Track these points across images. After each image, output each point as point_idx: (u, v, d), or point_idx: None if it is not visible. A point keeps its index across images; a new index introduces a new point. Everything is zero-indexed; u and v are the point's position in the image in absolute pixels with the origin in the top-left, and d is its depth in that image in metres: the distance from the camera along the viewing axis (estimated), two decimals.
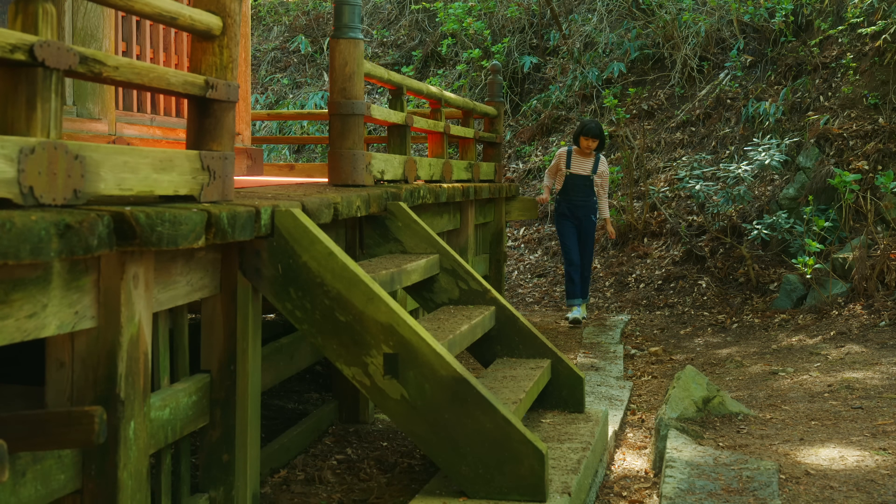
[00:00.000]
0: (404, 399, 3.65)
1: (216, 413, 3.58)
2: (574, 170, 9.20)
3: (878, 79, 11.32)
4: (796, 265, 9.22)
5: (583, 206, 9.23)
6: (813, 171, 10.50)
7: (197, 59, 3.54)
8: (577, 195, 9.21)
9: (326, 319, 3.66)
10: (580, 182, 9.21)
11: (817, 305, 9.17)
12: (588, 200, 9.24)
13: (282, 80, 17.25)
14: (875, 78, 11.35)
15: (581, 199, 9.22)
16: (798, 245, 9.83)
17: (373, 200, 4.88)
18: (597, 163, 9.25)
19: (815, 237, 9.52)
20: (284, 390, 6.13)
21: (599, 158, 9.25)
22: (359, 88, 5.36)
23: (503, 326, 5.22)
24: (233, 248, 3.59)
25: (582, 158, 9.24)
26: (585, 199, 9.24)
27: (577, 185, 9.21)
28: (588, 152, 9.18)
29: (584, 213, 9.23)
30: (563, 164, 9.26)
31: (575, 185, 9.22)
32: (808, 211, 9.75)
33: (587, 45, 14.76)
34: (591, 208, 9.24)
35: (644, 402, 6.55)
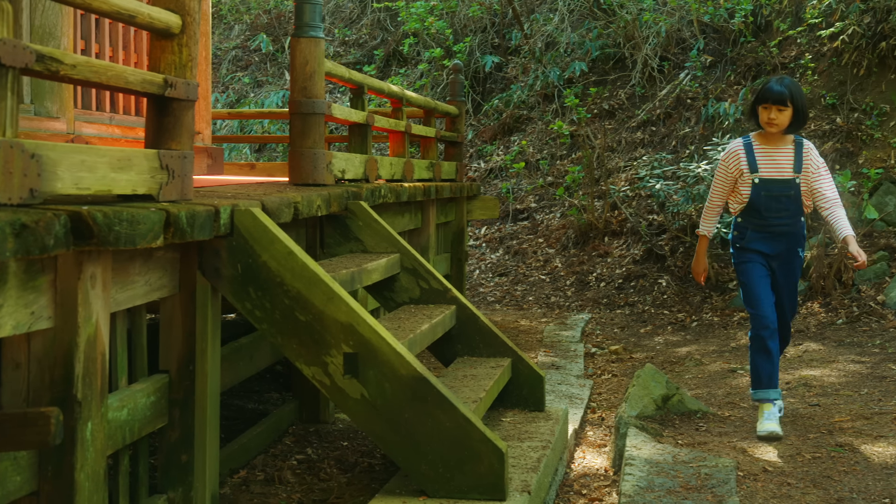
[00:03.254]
0: (364, 398, 3.65)
1: (175, 413, 3.57)
2: (765, 173, 5.58)
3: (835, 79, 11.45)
4: None
5: (786, 234, 5.65)
6: None
7: (156, 58, 3.52)
8: (774, 217, 5.61)
9: (286, 319, 3.65)
10: (778, 192, 5.58)
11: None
12: (795, 223, 5.65)
13: (243, 79, 17.18)
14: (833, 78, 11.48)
15: (783, 223, 5.62)
16: None
17: (333, 200, 4.87)
18: (800, 154, 5.61)
19: None
20: (244, 390, 6.11)
21: (803, 145, 5.64)
22: (319, 87, 5.35)
23: (464, 325, 5.23)
24: (192, 248, 3.58)
25: (773, 150, 5.61)
26: (790, 222, 5.63)
27: (774, 198, 5.58)
28: (776, 133, 5.58)
29: (788, 246, 5.68)
30: (743, 167, 5.62)
31: (769, 199, 5.58)
32: None
33: (549, 44, 14.80)
34: (798, 237, 5.70)
35: (604, 400, 6.58)
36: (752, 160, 5.60)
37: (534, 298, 10.85)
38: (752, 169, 5.58)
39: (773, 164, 5.60)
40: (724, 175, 5.73)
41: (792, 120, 5.49)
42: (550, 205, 12.87)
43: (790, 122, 5.50)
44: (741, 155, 5.63)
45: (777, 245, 5.65)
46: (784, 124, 5.50)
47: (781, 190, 5.56)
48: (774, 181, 5.57)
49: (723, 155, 5.79)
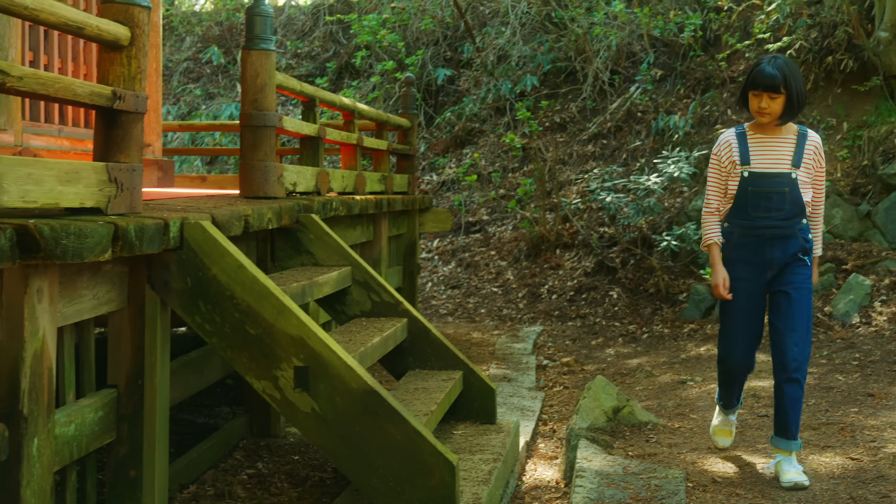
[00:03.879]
0: (315, 412, 3.64)
1: (123, 428, 3.54)
2: (757, 165, 4.89)
3: None
4: (705, 276, 9.38)
5: (779, 238, 4.88)
6: None
7: (104, 70, 3.50)
8: (763, 217, 4.88)
9: (236, 333, 3.64)
10: (769, 187, 4.87)
11: None
12: (790, 226, 4.87)
13: (194, 91, 17.10)
14: None
15: (773, 225, 4.86)
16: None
17: (284, 213, 4.86)
18: (802, 146, 4.91)
19: None
20: (194, 404, 6.06)
21: (807, 137, 4.94)
22: (271, 100, 5.33)
23: (415, 338, 5.23)
24: (141, 261, 3.55)
25: (770, 140, 4.91)
26: (783, 224, 4.87)
27: (762, 195, 4.87)
28: (771, 122, 4.89)
29: (784, 252, 4.89)
30: (735, 157, 4.94)
31: (757, 196, 4.88)
32: None
33: (500, 57, 14.86)
34: (797, 243, 4.89)
35: (556, 412, 6.60)
36: (744, 150, 4.89)
37: (486, 311, 10.87)
38: (743, 160, 4.88)
39: (768, 155, 4.86)
40: (719, 170, 5.01)
41: (786, 107, 4.78)
42: (502, 217, 12.91)
43: (784, 110, 4.79)
44: (733, 145, 4.93)
45: (769, 252, 4.85)
46: (777, 113, 4.79)
47: (773, 185, 4.81)
48: (766, 175, 4.83)
49: (714, 148, 5.06)
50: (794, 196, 4.84)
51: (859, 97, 11.06)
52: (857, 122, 10.92)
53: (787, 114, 4.81)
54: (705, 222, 5.07)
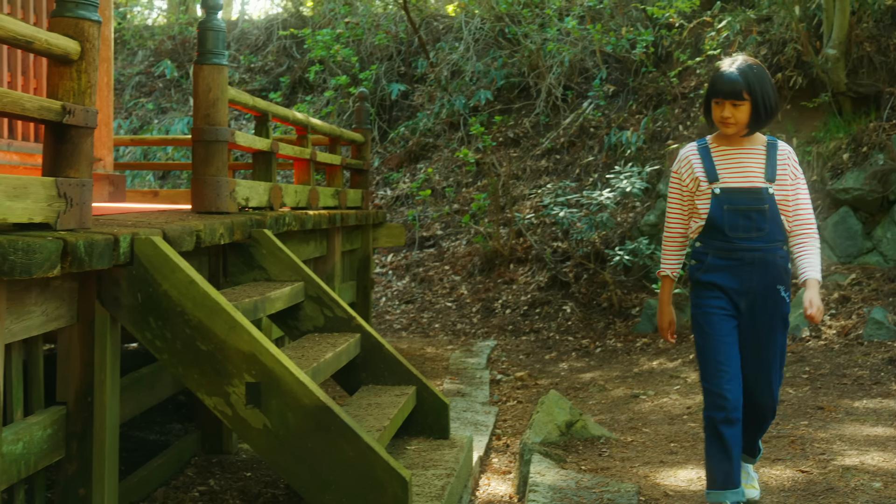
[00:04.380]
0: (267, 429, 3.62)
1: (72, 446, 3.50)
2: (728, 181, 4.29)
3: None
4: (657, 290, 9.43)
5: (759, 262, 4.26)
6: None
7: (54, 84, 3.47)
8: (743, 238, 4.25)
9: (187, 349, 3.61)
10: (746, 205, 4.26)
11: (677, 329, 9.38)
12: (771, 249, 4.26)
13: (146, 105, 17.00)
14: None
15: (754, 247, 4.24)
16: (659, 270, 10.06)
17: (237, 228, 4.84)
18: (773, 158, 4.31)
19: None
20: (145, 421, 6.01)
21: (777, 148, 4.34)
22: (223, 115, 5.31)
23: (368, 354, 5.22)
24: (90, 277, 3.52)
25: (737, 153, 4.31)
26: (764, 246, 4.25)
27: (741, 213, 4.25)
28: (737, 133, 4.28)
29: (764, 280, 4.27)
30: (699, 175, 4.32)
31: (735, 214, 4.25)
32: None
33: (454, 73, 14.91)
34: (777, 270, 4.27)
35: (509, 426, 6.61)
36: (709, 166, 4.27)
37: (440, 325, 10.87)
38: (711, 177, 4.25)
39: (737, 169, 4.24)
40: (679, 189, 4.39)
41: (752, 115, 4.18)
42: (456, 232, 12.93)
43: (750, 118, 4.19)
44: (694, 161, 4.31)
45: (747, 278, 4.21)
46: (743, 122, 4.19)
47: (750, 202, 4.20)
48: (740, 191, 4.21)
49: (674, 165, 4.43)
50: (774, 214, 4.22)
51: (808, 113, 11.20)
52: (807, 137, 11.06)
53: (754, 122, 4.21)
54: (663, 249, 4.54)
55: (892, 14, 11.05)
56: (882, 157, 9.93)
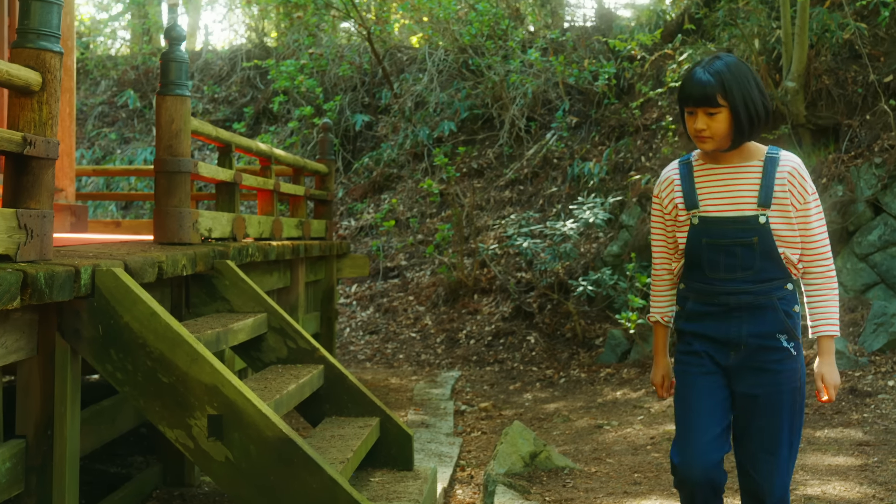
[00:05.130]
0: (229, 461, 3.59)
1: (32, 480, 3.46)
2: (709, 206, 3.48)
3: None
4: (620, 320, 9.47)
5: (747, 309, 3.41)
6: (636, 228, 10.85)
7: (15, 115, 3.45)
8: (723, 279, 3.44)
9: (149, 381, 3.58)
10: (729, 237, 3.43)
11: (640, 360, 9.44)
12: (763, 292, 3.40)
13: (109, 135, 16.93)
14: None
15: (737, 290, 3.41)
16: (622, 301, 10.12)
17: (199, 259, 4.82)
18: (770, 176, 3.41)
19: (638, 293, 9.81)
20: (107, 454, 5.95)
21: (777, 163, 3.44)
22: (185, 146, 5.30)
23: (332, 385, 5.20)
24: (51, 309, 3.49)
25: (725, 172, 3.48)
26: (753, 290, 3.40)
27: (720, 249, 3.44)
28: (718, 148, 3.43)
29: (755, 329, 3.40)
30: (678, 200, 3.57)
31: (713, 249, 3.45)
32: (631, 268, 10.04)
33: (418, 104, 14.97)
34: (773, 317, 3.40)
35: (473, 457, 6.60)
36: (689, 189, 3.47)
37: (404, 356, 10.85)
38: (689, 202, 3.46)
39: (723, 193, 3.41)
40: (661, 217, 3.65)
41: (732, 125, 3.32)
42: (421, 262, 12.94)
43: (730, 128, 3.33)
44: (675, 182, 3.53)
45: (734, 327, 3.37)
46: (721, 134, 3.33)
47: (733, 234, 3.36)
48: (722, 221, 3.38)
49: (655, 188, 3.67)
50: (767, 248, 3.34)
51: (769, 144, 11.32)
52: None
53: (736, 134, 3.35)
54: (651, 289, 3.80)
55: (849, 48, 11.21)
56: (841, 189, 10.04)
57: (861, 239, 9.76)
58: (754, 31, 11.71)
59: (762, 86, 3.36)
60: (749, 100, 3.33)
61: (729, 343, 3.41)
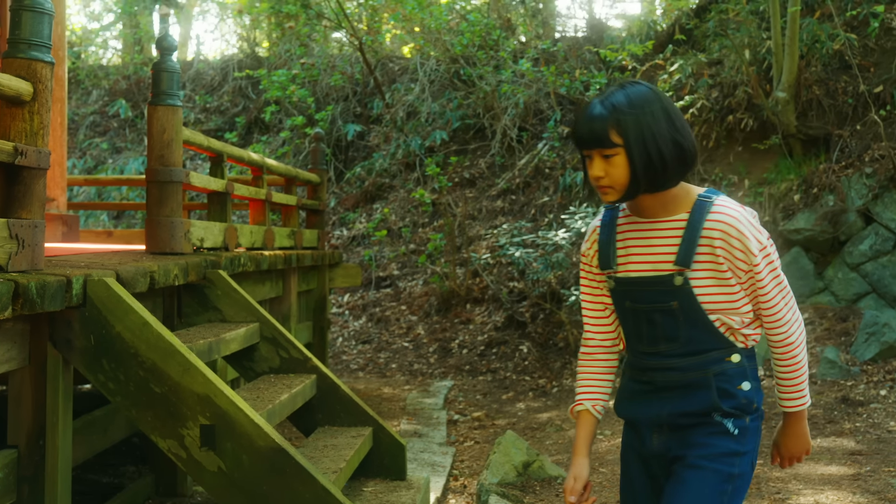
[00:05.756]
0: (221, 471, 3.59)
1: (24, 490, 3.45)
2: (626, 266, 2.81)
3: None
4: None
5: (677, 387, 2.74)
6: None
7: (5, 126, 3.45)
8: (651, 350, 2.79)
9: (141, 391, 3.58)
10: (648, 302, 2.76)
11: None
12: (697, 365, 2.72)
13: (101, 145, 16.91)
14: None
15: (665, 365, 2.76)
16: None
17: (191, 269, 4.81)
18: (695, 229, 2.69)
19: None
20: (99, 464, 5.94)
21: (704, 211, 2.69)
22: (177, 155, 5.30)
23: (324, 395, 5.19)
24: (42, 319, 3.49)
25: (643, 227, 2.78)
26: (684, 363, 2.73)
27: (642, 315, 2.79)
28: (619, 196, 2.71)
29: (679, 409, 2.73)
30: (596, 259, 2.90)
31: (637, 317, 2.81)
32: None
33: (410, 114, 14.98)
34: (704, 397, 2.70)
35: (466, 467, 6.59)
36: (605, 244, 2.85)
37: (397, 366, 10.84)
38: (603, 261, 2.84)
39: (642, 249, 2.77)
40: (590, 277, 2.95)
41: (632, 170, 2.63)
42: (413, 272, 12.94)
43: (629, 175, 2.64)
44: (596, 237, 2.89)
45: (657, 407, 2.76)
46: (620, 182, 2.66)
47: (651, 299, 2.74)
48: (638, 282, 2.76)
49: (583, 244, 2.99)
50: (693, 315, 2.70)
51: (759, 155, 11.35)
52: (758, 179, 11.20)
53: (633, 182, 2.65)
54: (578, 369, 3.01)
55: (839, 58, 11.25)
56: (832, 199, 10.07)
57: (852, 249, 9.78)
58: (745, 42, 11.75)
59: (679, 120, 2.67)
60: (650, 137, 2.62)
61: (649, 424, 2.79)
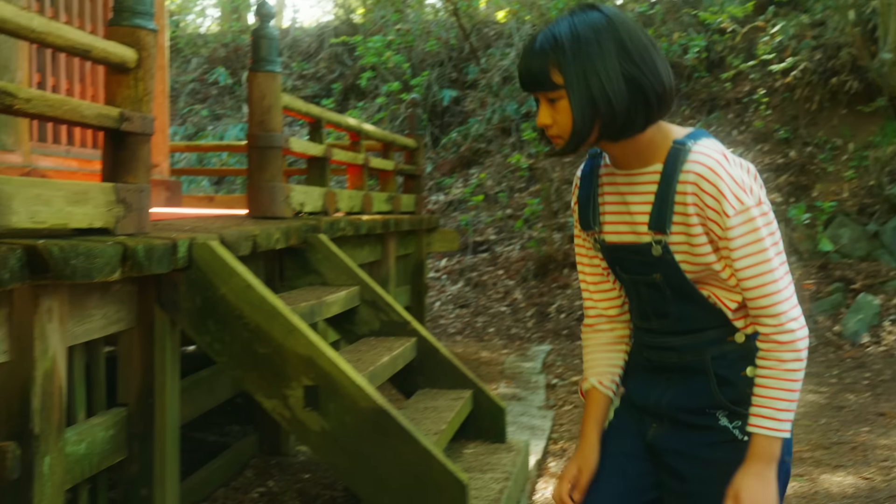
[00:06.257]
0: (325, 431, 3.63)
1: (134, 447, 3.53)
2: (609, 228, 2.31)
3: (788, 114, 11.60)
4: None
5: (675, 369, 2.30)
6: None
7: (112, 92, 3.51)
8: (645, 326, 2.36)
9: (246, 352, 3.63)
10: (637, 271, 2.28)
11: None
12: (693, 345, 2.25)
13: (201, 112, 17.14)
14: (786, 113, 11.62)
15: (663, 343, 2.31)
16: None
17: (292, 233, 4.86)
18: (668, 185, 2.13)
19: None
20: (205, 423, 6.06)
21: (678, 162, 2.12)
22: (277, 121, 5.35)
23: (424, 358, 5.22)
24: (150, 281, 3.55)
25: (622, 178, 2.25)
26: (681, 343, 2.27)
27: (634, 287, 2.32)
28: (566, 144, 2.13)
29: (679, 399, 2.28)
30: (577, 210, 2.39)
31: (632, 287, 2.34)
32: None
33: (505, 78, 14.89)
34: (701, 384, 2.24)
35: (566, 431, 6.58)
36: (584, 199, 2.37)
37: (494, 330, 10.85)
38: (583, 220, 2.37)
39: (619, 209, 2.30)
40: (578, 235, 2.47)
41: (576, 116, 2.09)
42: (510, 237, 12.91)
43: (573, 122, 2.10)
44: (576, 189, 2.41)
45: (655, 393, 2.35)
46: (566, 128, 2.12)
47: (635, 269, 2.29)
48: (621, 249, 2.31)
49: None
50: (680, 288, 2.23)
51: (864, 118, 11.06)
52: (863, 142, 10.93)
53: (582, 129, 2.11)
54: (583, 342, 2.69)
55: None
56: None
57: None
58: (849, 2, 11.43)
59: (639, 53, 2.10)
60: (593, 75, 2.06)
61: (647, 411, 2.38)
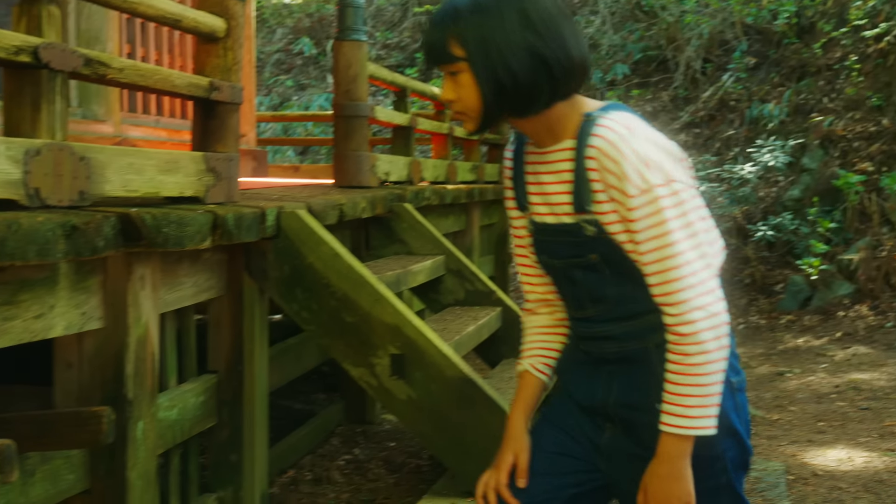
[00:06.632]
0: (411, 399, 3.64)
1: (224, 413, 3.58)
2: (536, 208, 2.15)
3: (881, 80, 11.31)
4: (802, 266, 9.21)
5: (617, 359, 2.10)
6: (817, 172, 10.48)
7: (201, 62, 3.54)
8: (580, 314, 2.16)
9: (333, 320, 3.65)
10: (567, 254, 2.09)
11: (823, 307, 9.15)
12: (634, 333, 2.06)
13: (286, 83, 17.25)
14: (879, 80, 11.33)
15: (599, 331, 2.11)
16: (803, 246, 9.82)
17: (378, 202, 4.88)
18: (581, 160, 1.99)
19: (821, 238, 9.51)
20: (292, 391, 6.12)
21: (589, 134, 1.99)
22: (363, 90, 5.35)
23: (509, 327, 5.20)
24: (238, 250, 3.59)
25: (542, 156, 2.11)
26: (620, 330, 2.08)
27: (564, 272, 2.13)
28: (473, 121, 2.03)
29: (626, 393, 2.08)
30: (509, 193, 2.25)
31: (559, 274, 2.16)
32: (813, 212, 9.74)
33: (591, 46, 14.75)
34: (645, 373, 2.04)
35: None
36: (517, 177, 2.23)
37: None
38: (520, 199, 2.23)
39: (539, 188, 2.16)
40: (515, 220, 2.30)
41: (479, 91, 1.98)
42: None
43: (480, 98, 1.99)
44: (507, 169, 2.26)
45: (600, 387, 2.14)
46: (472, 107, 2.01)
47: (566, 252, 2.11)
48: (549, 230, 2.14)
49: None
50: (621, 268, 2.05)
51: None
52: None
53: (486, 106, 2.00)
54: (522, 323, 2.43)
55: None
56: None
57: None
58: None
59: (544, 23, 2.00)
60: (493, 47, 1.94)
61: (596, 412, 2.16)
